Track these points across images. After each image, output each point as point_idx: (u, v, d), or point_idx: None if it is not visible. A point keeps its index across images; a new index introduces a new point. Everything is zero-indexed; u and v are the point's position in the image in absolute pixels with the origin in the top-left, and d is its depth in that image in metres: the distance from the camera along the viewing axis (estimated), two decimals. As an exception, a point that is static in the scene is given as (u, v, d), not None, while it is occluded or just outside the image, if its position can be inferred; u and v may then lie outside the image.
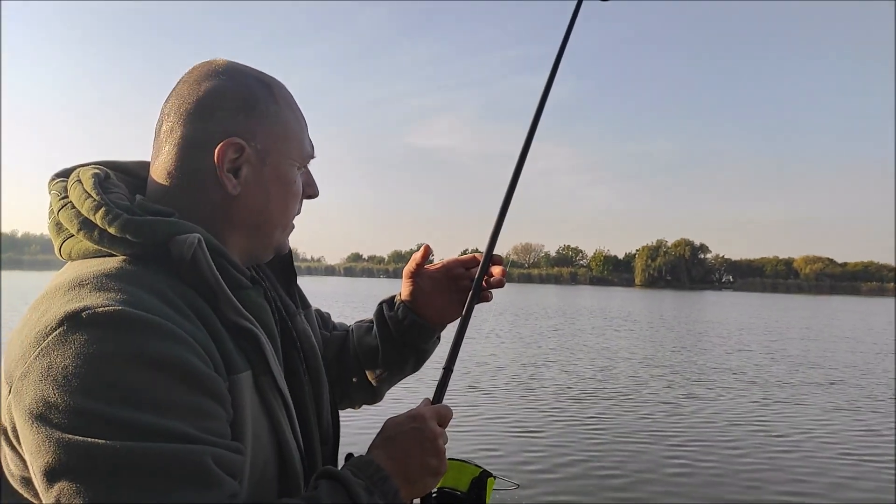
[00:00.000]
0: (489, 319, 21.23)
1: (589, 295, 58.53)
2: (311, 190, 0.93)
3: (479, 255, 1.10)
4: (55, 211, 0.80)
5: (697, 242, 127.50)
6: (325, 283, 74.63)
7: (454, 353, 0.99)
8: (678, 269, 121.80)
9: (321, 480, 0.77)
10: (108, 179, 0.82)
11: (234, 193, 0.82)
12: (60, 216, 0.78)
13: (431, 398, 0.94)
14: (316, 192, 0.94)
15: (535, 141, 1.11)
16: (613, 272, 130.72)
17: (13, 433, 0.67)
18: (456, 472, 0.98)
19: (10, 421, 0.67)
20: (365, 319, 1.20)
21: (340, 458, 0.92)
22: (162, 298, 0.70)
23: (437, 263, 1.14)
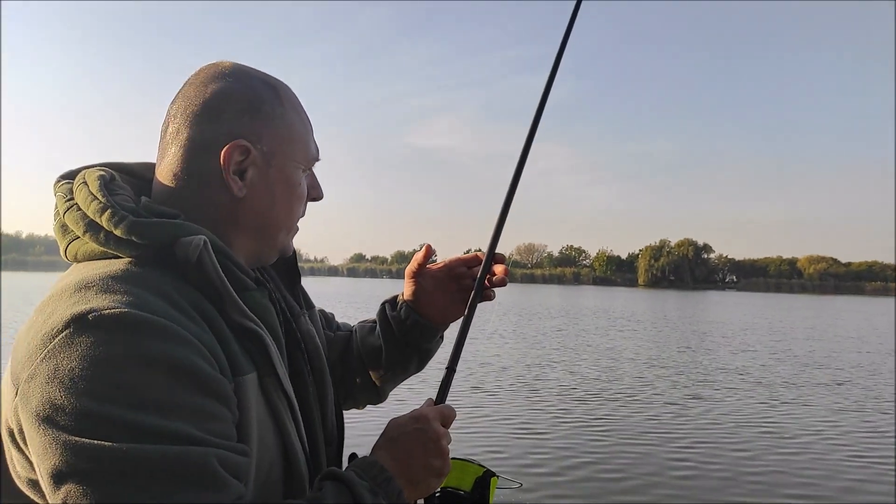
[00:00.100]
0: (492, 320, 21.20)
1: (592, 295, 58.44)
2: (315, 192, 0.93)
3: (481, 253, 1.09)
4: (61, 213, 0.80)
5: (701, 242, 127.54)
6: (328, 283, 74.70)
7: (457, 352, 0.99)
8: (681, 269, 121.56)
9: (326, 482, 0.78)
10: (113, 181, 0.82)
11: (239, 195, 0.82)
12: (66, 218, 0.79)
13: (434, 398, 0.94)
14: (320, 194, 0.94)
15: (536, 141, 1.10)
16: (617, 272, 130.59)
17: (20, 435, 0.67)
18: (459, 471, 0.98)
19: (16, 423, 0.67)
20: (368, 320, 1.20)
21: (344, 458, 0.92)
22: (167, 300, 0.70)
23: (439, 263, 1.14)
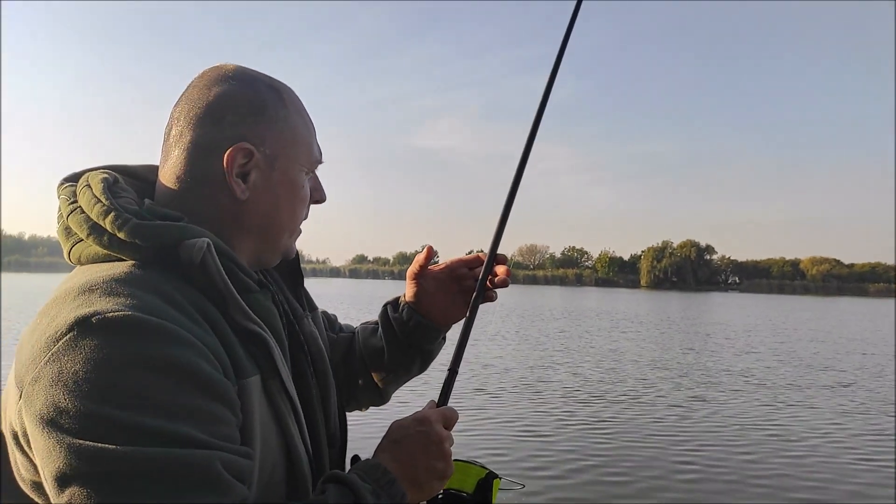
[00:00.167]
0: (494, 321, 21.19)
1: (594, 296, 58.37)
2: (318, 195, 0.94)
3: (482, 254, 1.09)
4: (64, 216, 0.80)
5: (703, 243, 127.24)
6: (330, 284, 74.74)
7: (459, 354, 0.99)
8: (684, 270, 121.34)
9: (329, 484, 0.78)
10: (116, 184, 0.82)
11: (242, 198, 0.82)
12: (70, 221, 0.79)
13: (437, 400, 0.94)
14: (323, 196, 0.94)
15: (537, 142, 1.10)
16: (619, 273, 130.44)
17: (24, 438, 0.67)
18: (461, 473, 0.97)
19: (21, 426, 0.67)
20: (370, 321, 1.20)
21: (347, 460, 0.92)
22: (171, 303, 0.70)
23: (440, 264, 1.13)
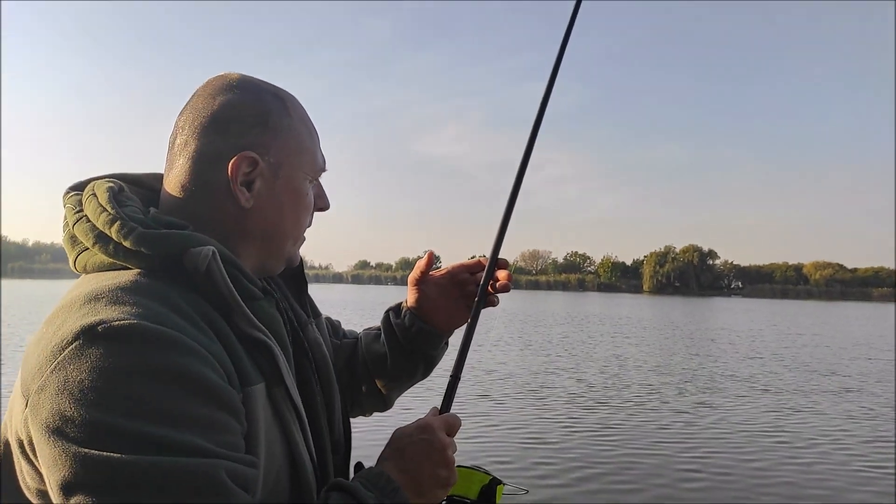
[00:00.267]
0: (497, 327, 21.15)
1: (597, 302, 58.21)
2: (322, 202, 0.94)
3: (484, 259, 1.09)
4: (70, 224, 0.80)
5: (706, 248, 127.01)
6: (332, 290, 74.68)
7: (461, 360, 0.99)
8: (687, 275, 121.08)
9: (332, 493, 0.78)
10: (122, 192, 0.83)
11: (247, 206, 0.82)
12: (76, 230, 0.79)
13: (439, 407, 0.94)
14: (327, 204, 0.95)
15: (540, 148, 1.09)
16: (621, 279, 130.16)
17: (30, 446, 0.67)
18: (465, 479, 0.97)
19: (26, 434, 0.67)
20: (373, 327, 1.20)
21: (351, 467, 0.92)
22: (177, 311, 0.70)
23: (442, 269, 1.13)
